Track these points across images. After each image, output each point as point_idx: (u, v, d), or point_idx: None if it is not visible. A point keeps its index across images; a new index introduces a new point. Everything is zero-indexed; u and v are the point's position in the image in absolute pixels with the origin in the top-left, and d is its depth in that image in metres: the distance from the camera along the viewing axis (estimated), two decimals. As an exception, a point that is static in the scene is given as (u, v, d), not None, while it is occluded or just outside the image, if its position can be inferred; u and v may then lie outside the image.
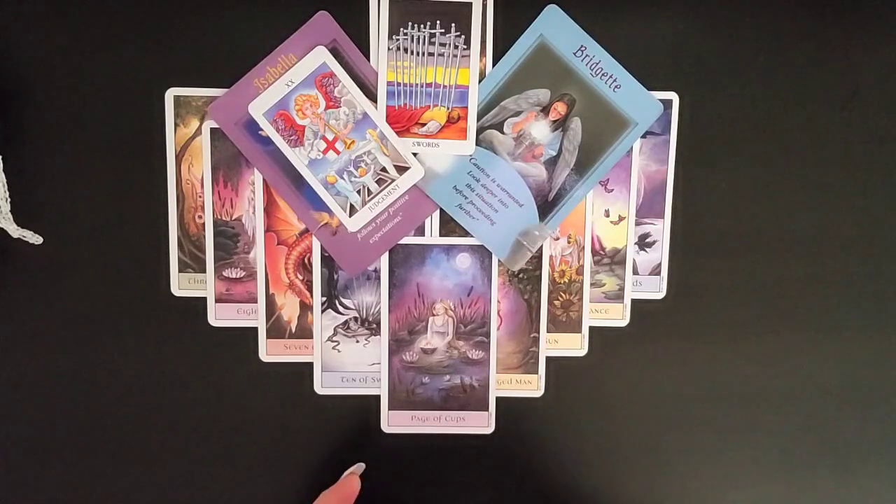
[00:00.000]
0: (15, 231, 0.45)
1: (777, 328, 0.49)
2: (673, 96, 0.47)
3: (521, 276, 0.48)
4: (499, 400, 0.49)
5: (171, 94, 0.46)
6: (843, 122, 0.48)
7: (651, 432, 0.49)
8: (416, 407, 0.49)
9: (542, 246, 0.48)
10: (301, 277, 0.48)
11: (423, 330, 0.48)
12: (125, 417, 0.48)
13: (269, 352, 0.48)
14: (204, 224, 0.47)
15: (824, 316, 0.49)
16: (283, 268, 0.48)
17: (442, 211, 0.48)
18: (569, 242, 0.48)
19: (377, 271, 0.48)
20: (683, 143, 0.48)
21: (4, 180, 0.44)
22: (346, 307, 0.48)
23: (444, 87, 0.46)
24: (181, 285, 0.47)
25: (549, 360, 0.49)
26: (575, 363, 0.49)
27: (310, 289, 0.48)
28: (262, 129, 0.46)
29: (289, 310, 0.48)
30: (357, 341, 0.48)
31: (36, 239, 0.46)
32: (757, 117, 0.48)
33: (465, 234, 0.48)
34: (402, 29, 0.46)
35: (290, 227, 0.47)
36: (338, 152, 0.46)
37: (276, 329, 0.48)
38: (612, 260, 0.49)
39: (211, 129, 0.46)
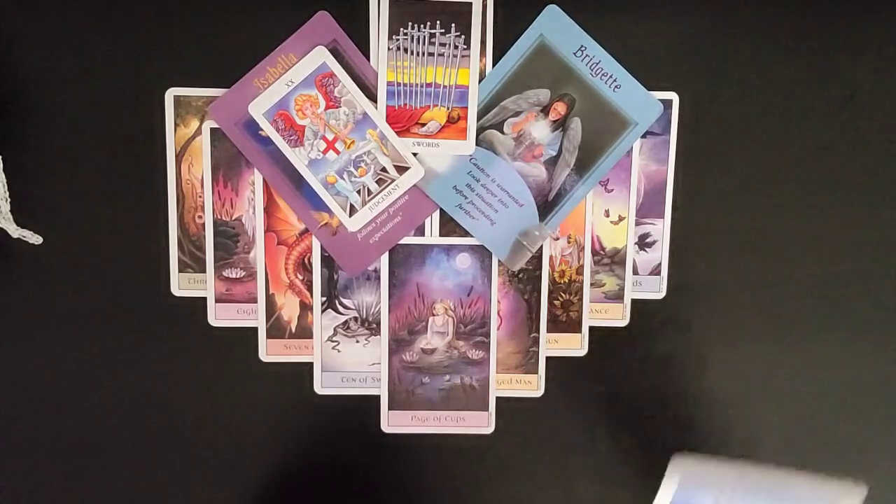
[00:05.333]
0: (15, 231, 0.45)
1: (777, 328, 0.49)
2: (673, 96, 0.47)
3: (521, 276, 0.48)
4: (499, 400, 0.49)
5: (171, 94, 0.46)
6: (842, 122, 0.48)
7: (651, 432, 0.49)
8: (416, 407, 0.49)
9: (542, 246, 0.48)
10: (301, 277, 0.48)
11: (423, 330, 0.48)
12: (125, 417, 0.48)
13: (269, 352, 0.48)
14: (204, 224, 0.47)
15: (824, 316, 0.49)
16: (283, 268, 0.48)
17: (442, 211, 0.48)
18: (569, 242, 0.48)
19: (377, 271, 0.48)
20: (683, 143, 0.48)
21: (4, 180, 0.44)
22: (346, 307, 0.48)
23: (444, 87, 0.46)
24: (181, 285, 0.47)
25: (549, 360, 0.49)
26: (575, 363, 0.49)
27: (310, 289, 0.48)
28: (262, 129, 0.46)
29: (289, 310, 0.48)
30: (357, 341, 0.48)
31: (36, 239, 0.46)
32: (757, 117, 0.48)
33: (465, 234, 0.48)
34: (402, 29, 0.46)
35: (290, 227, 0.47)
36: (338, 152, 0.46)
37: (276, 329, 0.48)
38: (612, 260, 0.48)
39: (211, 129, 0.46)
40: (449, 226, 0.48)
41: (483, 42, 0.46)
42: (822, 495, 0.27)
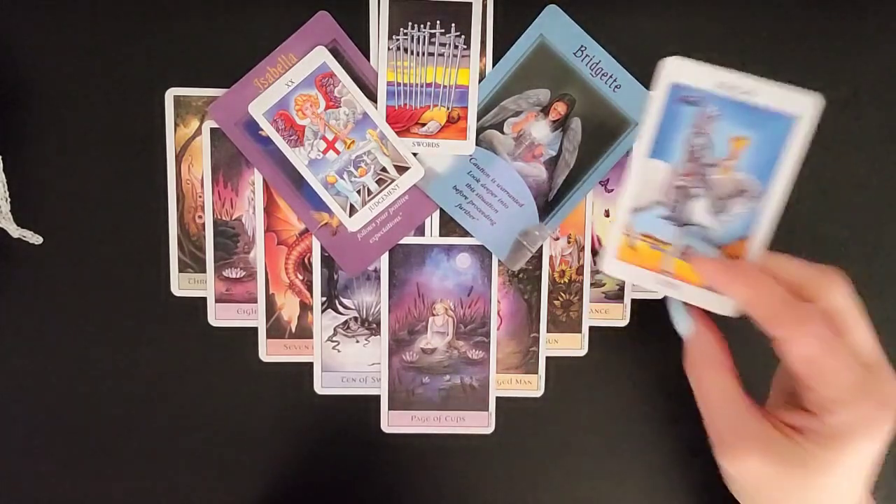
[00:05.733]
0: (15, 231, 0.45)
1: (777, 328, 0.49)
2: (673, 96, 0.47)
3: (521, 276, 0.48)
4: (499, 400, 0.49)
5: (171, 94, 0.46)
6: (843, 123, 0.48)
7: (651, 432, 0.49)
8: (416, 407, 0.49)
9: (542, 246, 0.48)
10: (301, 277, 0.48)
11: (423, 330, 0.48)
12: (125, 417, 0.48)
13: (269, 352, 0.48)
14: (204, 224, 0.47)
15: (824, 316, 0.49)
16: (283, 268, 0.48)
17: (442, 211, 0.48)
18: (569, 242, 0.48)
19: (377, 271, 0.48)
20: (683, 143, 0.48)
21: (4, 180, 0.44)
22: (346, 307, 0.48)
23: (444, 87, 0.46)
24: (181, 285, 0.47)
25: (549, 360, 0.49)
26: (575, 363, 0.49)
27: (310, 289, 0.48)
28: (262, 129, 0.46)
29: (289, 310, 0.48)
30: (357, 341, 0.48)
31: (36, 239, 0.46)
32: (757, 117, 0.48)
33: (465, 234, 0.48)
34: (402, 29, 0.46)
35: (290, 227, 0.47)
36: (338, 152, 0.46)
37: (276, 329, 0.48)
38: (612, 260, 0.48)
39: (211, 129, 0.46)
40: (449, 226, 0.48)
41: (483, 42, 0.46)
42: (787, 103, 0.32)
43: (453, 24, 0.46)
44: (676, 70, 0.33)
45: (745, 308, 0.36)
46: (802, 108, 0.33)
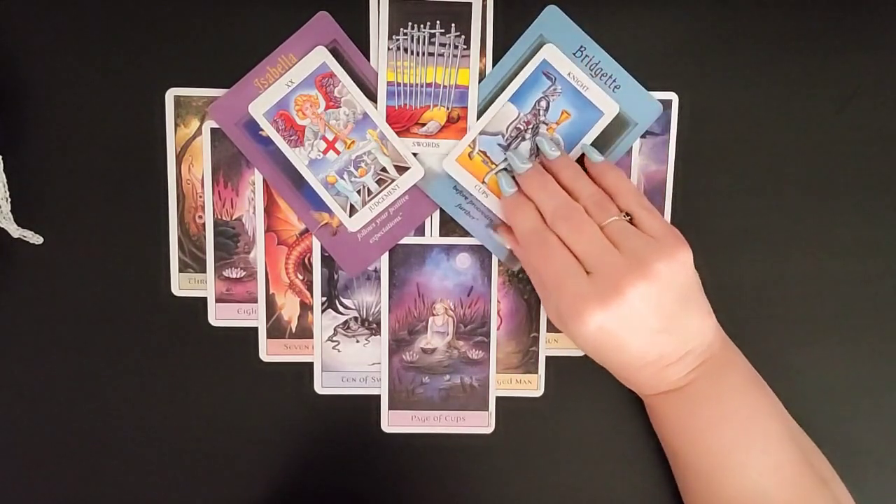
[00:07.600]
0: (15, 231, 0.45)
1: (777, 328, 0.49)
2: (673, 96, 0.47)
3: (521, 275, 0.48)
4: (499, 400, 0.49)
5: (171, 94, 0.46)
6: (843, 122, 0.48)
7: (650, 432, 0.49)
8: (416, 407, 0.49)
9: (541, 246, 0.48)
10: (301, 277, 0.48)
11: (423, 330, 0.48)
12: (125, 418, 0.48)
13: (270, 352, 0.48)
14: (204, 224, 0.47)
15: (824, 316, 0.49)
16: (284, 268, 0.48)
17: (442, 211, 0.48)
18: (569, 242, 0.48)
19: (377, 271, 0.48)
20: (683, 143, 0.48)
21: (4, 180, 0.44)
22: (346, 307, 0.48)
23: (444, 87, 0.46)
24: (181, 285, 0.47)
25: (549, 359, 0.49)
26: (574, 363, 0.49)
27: (310, 289, 0.48)
28: (262, 130, 0.46)
29: (289, 310, 0.48)
30: (357, 341, 0.48)
31: (36, 239, 0.46)
32: (757, 117, 0.48)
33: (465, 234, 0.48)
34: (402, 29, 0.46)
35: (290, 227, 0.47)
36: (338, 152, 0.46)
37: (277, 329, 0.48)
38: (612, 260, 0.48)
39: (211, 129, 0.46)
40: (449, 226, 0.48)
41: (483, 42, 0.46)
42: (601, 102, 0.45)
43: (453, 24, 0.46)
44: (549, 53, 0.45)
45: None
46: (609, 108, 0.45)
